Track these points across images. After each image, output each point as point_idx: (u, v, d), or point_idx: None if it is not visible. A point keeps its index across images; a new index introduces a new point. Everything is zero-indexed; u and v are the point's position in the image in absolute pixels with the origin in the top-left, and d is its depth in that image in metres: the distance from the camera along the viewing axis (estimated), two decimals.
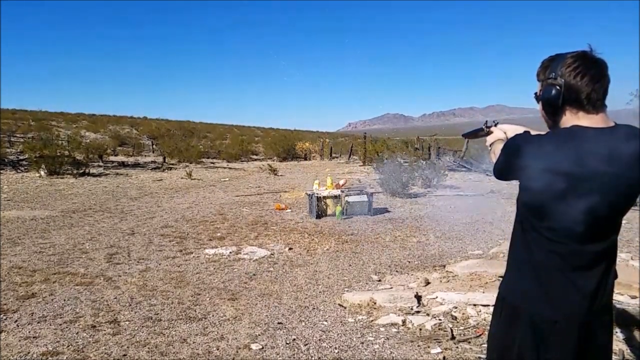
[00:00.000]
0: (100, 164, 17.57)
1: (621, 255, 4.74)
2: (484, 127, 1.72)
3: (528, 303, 1.35)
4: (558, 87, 1.29)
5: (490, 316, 1.53)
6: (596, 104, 1.28)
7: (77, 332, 3.26)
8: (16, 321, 3.43)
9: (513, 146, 1.37)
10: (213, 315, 3.61)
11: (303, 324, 3.47)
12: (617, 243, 1.37)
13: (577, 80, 1.27)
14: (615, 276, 1.38)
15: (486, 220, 7.47)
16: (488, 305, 3.51)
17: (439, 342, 3.10)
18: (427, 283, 4.26)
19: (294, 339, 3.20)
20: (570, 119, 1.31)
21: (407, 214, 8.18)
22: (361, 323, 3.48)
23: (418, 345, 3.09)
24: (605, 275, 1.33)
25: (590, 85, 1.26)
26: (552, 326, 1.32)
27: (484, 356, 2.90)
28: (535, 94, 1.39)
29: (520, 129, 1.52)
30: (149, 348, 3.04)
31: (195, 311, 3.69)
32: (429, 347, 3.06)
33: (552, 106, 1.33)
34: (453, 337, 3.15)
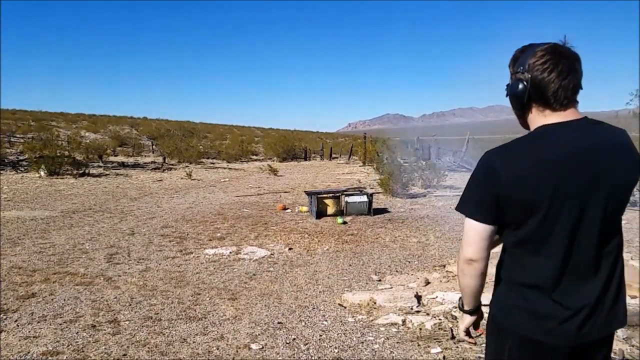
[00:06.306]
0: (100, 164, 17.56)
1: None
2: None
3: (515, 323, 1.28)
4: (525, 82, 1.22)
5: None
6: (563, 102, 1.21)
7: (77, 332, 3.26)
8: (16, 321, 3.44)
9: (486, 168, 1.24)
10: (213, 315, 3.61)
11: (303, 323, 3.47)
12: (615, 251, 1.29)
13: (544, 75, 1.20)
14: (620, 289, 1.29)
15: None
16: (488, 305, 3.51)
17: (439, 342, 3.10)
18: (427, 283, 4.26)
19: (294, 339, 3.20)
20: (538, 117, 1.25)
21: (407, 214, 8.18)
22: (361, 323, 3.48)
23: (418, 345, 3.09)
24: (603, 292, 1.24)
25: (557, 82, 1.19)
26: (539, 348, 1.24)
27: (483, 356, 2.90)
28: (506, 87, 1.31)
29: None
30: (149, 348, 3.04)
31: (195, 311, 3.69)
32: (429, 346, 3.06)
33: (519, 102, 1.26)
34: (453, 337, 3.15)
